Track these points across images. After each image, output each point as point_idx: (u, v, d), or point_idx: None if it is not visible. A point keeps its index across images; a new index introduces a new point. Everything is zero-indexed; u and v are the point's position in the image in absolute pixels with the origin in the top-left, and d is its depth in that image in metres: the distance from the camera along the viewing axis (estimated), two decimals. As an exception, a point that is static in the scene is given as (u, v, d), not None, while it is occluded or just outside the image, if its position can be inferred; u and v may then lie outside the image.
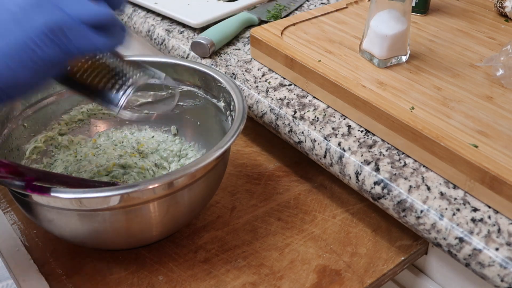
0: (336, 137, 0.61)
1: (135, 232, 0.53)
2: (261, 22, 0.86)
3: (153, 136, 0.71)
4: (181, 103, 0.68)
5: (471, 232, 0.49)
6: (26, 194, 0.50)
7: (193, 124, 0.68)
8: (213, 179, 0.56)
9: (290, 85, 0.70)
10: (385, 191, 0.55)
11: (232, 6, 0.87)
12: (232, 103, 0.59)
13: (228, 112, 0.62)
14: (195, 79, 0.66)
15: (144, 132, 0.71)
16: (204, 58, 0.78)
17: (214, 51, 0.78)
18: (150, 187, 0.48)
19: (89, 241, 0.54)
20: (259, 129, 0.75)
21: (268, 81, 0.71)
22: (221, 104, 0.63)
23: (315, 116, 0.64)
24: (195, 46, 0.77)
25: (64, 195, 0.47)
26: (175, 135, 0.70)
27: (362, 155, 0.58)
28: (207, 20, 0.84)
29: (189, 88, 0.66)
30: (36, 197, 0.50)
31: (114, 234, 0.53)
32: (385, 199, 0.55)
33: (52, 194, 0.47)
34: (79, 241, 0.55)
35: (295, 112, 0.65)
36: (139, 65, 0.50)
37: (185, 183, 0.51)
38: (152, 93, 0.68)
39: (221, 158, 0.55)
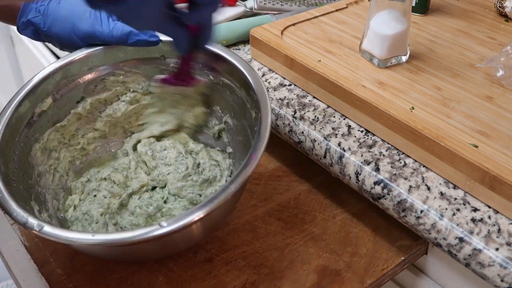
0: (336, 137, 0.61)
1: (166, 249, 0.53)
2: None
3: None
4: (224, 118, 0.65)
5: (471, 232, 0.49)
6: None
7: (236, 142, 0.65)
8: (237, 196, 0.55)
9: (290, 85, 0.70)
10: (385, 191, 0.55)
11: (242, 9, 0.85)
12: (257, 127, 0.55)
13: (256, 128, 0.57)
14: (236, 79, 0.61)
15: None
16: None
17: None
18: (190, 222, 0.45)
19: (110, 257, 0.55)
20: (259, 129, 0.75)
21: (268, 81, 0.71)
22: (253, 115, 0.59)
23: (315, 116, 0.64)
24: None
25: (103, 237, 0.45)
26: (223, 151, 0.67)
27: (362, 155, 0.58)
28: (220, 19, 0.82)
29: (228, 82, 0.62)
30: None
31: (140, 254, 0.53)
32: (385, 199, 0.55)
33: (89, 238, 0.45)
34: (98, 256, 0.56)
35: (295, 112, 0.65)
36: None
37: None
38: None
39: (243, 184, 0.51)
